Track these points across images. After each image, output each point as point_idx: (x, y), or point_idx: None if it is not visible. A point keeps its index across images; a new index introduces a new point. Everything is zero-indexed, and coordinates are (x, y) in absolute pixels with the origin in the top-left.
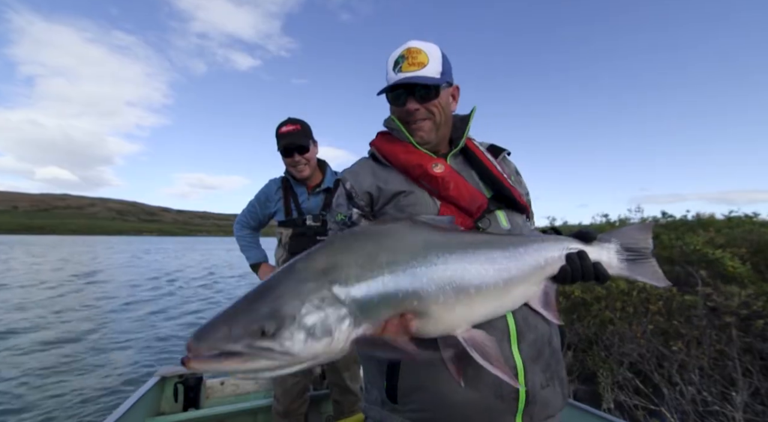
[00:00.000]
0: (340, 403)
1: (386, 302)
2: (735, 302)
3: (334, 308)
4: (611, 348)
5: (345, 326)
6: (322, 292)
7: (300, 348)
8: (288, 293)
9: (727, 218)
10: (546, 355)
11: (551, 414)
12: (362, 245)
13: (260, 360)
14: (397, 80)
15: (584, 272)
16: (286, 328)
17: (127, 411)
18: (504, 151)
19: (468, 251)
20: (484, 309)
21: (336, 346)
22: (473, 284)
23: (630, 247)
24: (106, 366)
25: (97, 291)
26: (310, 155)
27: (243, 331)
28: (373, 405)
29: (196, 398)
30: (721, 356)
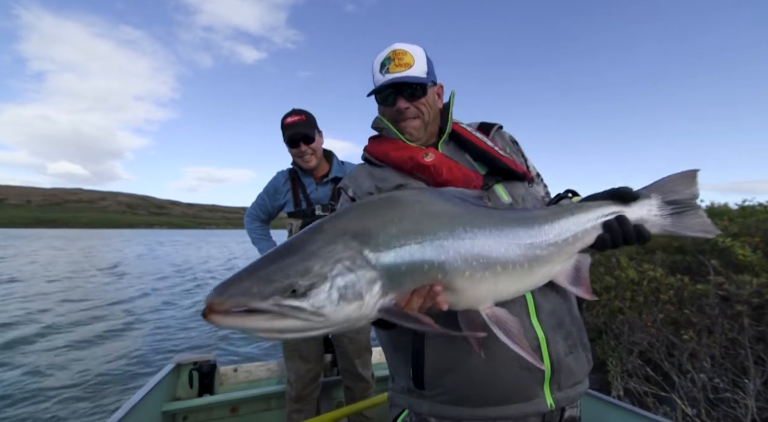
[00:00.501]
0: (352, 389)
1: (412, 272)
2: (747, 291)
3: (365, 271)
4: (621, 336)
5: (375, 291)
6: (353, 254)
7: (332, 309)
8: (319, 253)
9: (740, 208)
10: (567, 323)
11: (578, 380)
12: (391, 211)
13: (288, 319)
14: (386, 81)
15: (625, 237)
16: (318, 287)
17: (144, 397)
18: (495, 126)
19: (495, 227)
20: (509, 287)
21: (366, 311)
22: (499, 262)
23: (673, 199)
24: (134, 352)
25: (127, 283)
26: (316, 145)
27: (272, 288)
28: (400, 394)
29: (210, 384)
30: (733, 345)
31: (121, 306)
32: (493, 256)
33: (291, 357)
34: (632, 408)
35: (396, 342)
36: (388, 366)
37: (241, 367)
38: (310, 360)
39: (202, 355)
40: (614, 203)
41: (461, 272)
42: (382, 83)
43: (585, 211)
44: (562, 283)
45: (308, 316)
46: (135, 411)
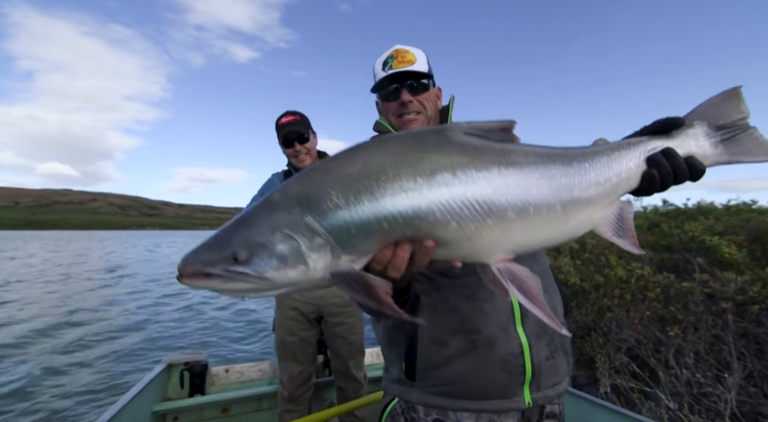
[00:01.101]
0: (344, 390)
1: (368, 232)
2: (731, 289)
3: (306, 237)
4: (609, 334)
5: (320, 255)
6: (294, 220)
7: (274, 274)
8: (261, 222)
9: (725, 207)
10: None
11: (557, 381)
12: (350, 168)
13: (239, 282)
14: (390, 73)
15: (676, 173)
16: (258, 255)
17: (134, 397)
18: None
19: (511, 163)
20: (533, 237)
21: (313, 275)
22: (513, 206)
23: (720, 124)
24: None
25: (128, 285)
26: (310, 144)
27: (218, 257)
28: (392, 383)
29: (201, 384)
30: (717, 340)
31: (113, 307)
32: (501, 200)
33: (284, 358)
34: (615, 407)
35: (392, 337)
36: (383, 357)
37: (233, 368)
38: (303, 361)
39: (194, 355)
40: (658, 137)
41: (445, 224)
42: (387, 74)
43: (627, 147)
44: (606, 234)
45: (254, 280)
46: (125, 411)
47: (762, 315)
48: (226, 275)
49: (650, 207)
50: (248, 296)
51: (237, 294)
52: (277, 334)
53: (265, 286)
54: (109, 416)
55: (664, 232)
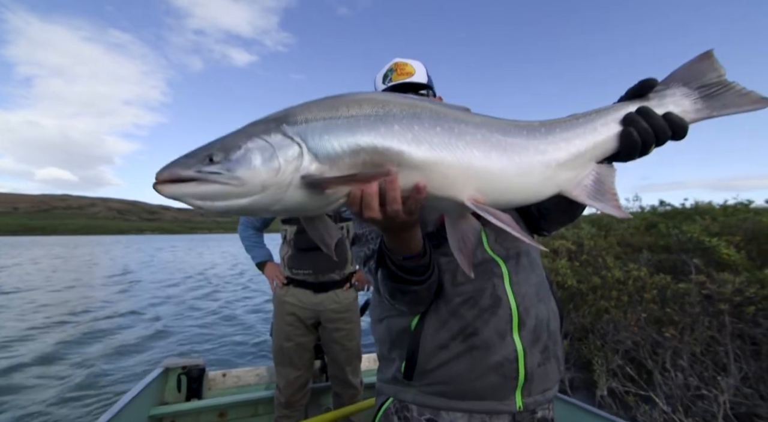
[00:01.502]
0: (341, 396)
1: (342, 144)
2: (728, 290)
3: (280, 141)
4: (606, 336)
5: (292, 158)
6: (270, 129)
7: (245, 173)
8: (238, 133)
9: (722, 207)
10: (544, 338)
11: (548, 387)
12: (326, 101)
13: (211, 184)
14: (390, 85)
15: (656, 130)
16: (232, 155)
17: (131, 400)
18: None
19: (473, 118)
20: (499, 181)
21: (284, 178)
22: (478, 147)
23: (698, 84)
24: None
25: (126, 289)
26: None
27: (194, 159)
28: (386, 384)
29: (198, 389)
30: (714, 342)
31: (109, 309)
32: (466, 139)
33: (281, 363)
34: (606, 414)
35: (394, 336)
36: (379, 357)
37: (230, 372)
38: (300, 366)
39: (191, 359)
40: (631, 101)
41: (416, 151)
42: (385, 88)
43: (596, 113)
44: (580, 197)
45: (226, 179)
46: (121, 414)
47: (759, 316)
48: (200, 176)
49: (648, 207)
50: (219, 204)
51: (208, 203)
52: (274, 339)
53: (237, 188)
54: (105, 420)
55: (662, 232)
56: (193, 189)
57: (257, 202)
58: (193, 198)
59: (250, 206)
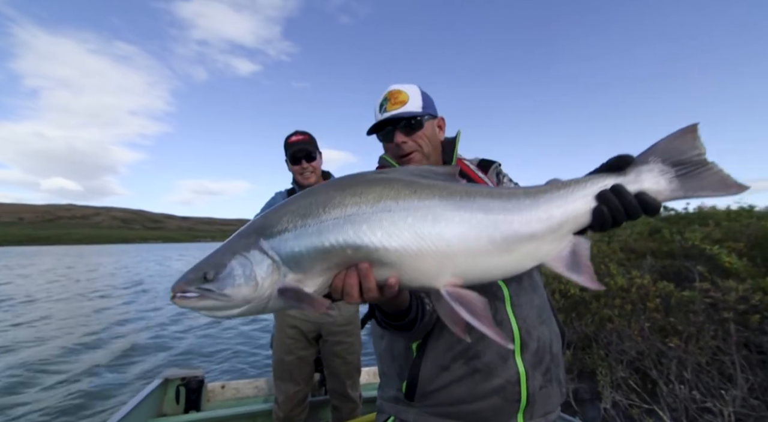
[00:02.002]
0: (339, 410)
1: (311, 253)
2: (733, 298)
3: (257, 258)
4: (610, 346)
5: (267, 274)
6: (249, 244)
7: (231, 290)
8: (227, 248)
9: (726, 211)
10: (546, 361)
11: (549, 410)
12: (302, 201)
13: (208, 299)
14: (382, 118)
15: (627, 209)
16: (221, 273)
17: (130, 412)
18: (493, 164)
19: (451, 196)
20: (476, 265)
21: (262, 292)
22: (453, 233)
23: (676, 161)
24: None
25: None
26: (316, 163)
27: (195, 277)
28: (388, 402)
29: (197, 401)
30: (719, 351)
31: (109, 320)
32: (441, 225)
33: (281, 377)
34: None
35: (395, 356)
36: (380, 375)
37: (229, 384)
38: (299, 381)
39: (191, 371)
40: (608, 174)
41: (386, 246)
42: (378, 120)
43: (575, 184)
44: (558, 269)
45: (218, 296)
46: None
47: (765, 324)
48: (200, 293)
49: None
50: (218, 314)
51: (209, 313)
52: (275, 353)
53: (227, 303)
54: None
55: (666, 238)
56: (197, 303)
57: (248, 311)
58: (200, 310)
59: (244, 314)
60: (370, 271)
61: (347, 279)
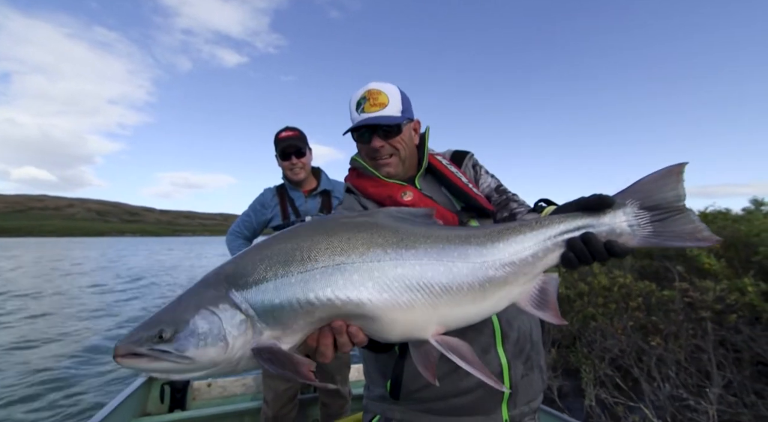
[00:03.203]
0: (329, 406)
1: (294, 307)
2: (710, 297)
3: (228, 313)
4: (593, 343)
5: (240, 332)
6: (218, 297)
7: (194, 352)
8: (190, 300)
9: (702, 214)
10: (527, 350)
11: (531, 398)
12: (282, 245)
13: (162, 362)
14: (361, 121)
15: (594, 256)
16: (181, 332)
17: (112, 411)
18: (466, 155)
19: (434, 245)
20: (457, 312)
21: (233, 353)
22: (438, 283)
23: (653, 204)
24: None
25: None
26: (306, 159)
27: (147, 335)
28: (374, 401)
29: (182, 399)
30: (698, 350)
31: (90, 313)
32: (428, 276)
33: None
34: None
35: (379, 357)
36: (365, 375)
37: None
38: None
39: None
40: (582, 215)
41: (377, 299)
42: (357, 123)
43: (546, 226)
44: (526, 307)
45: (176, 359)
46: None
47: (740, 324)
48: (152, 354)
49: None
50: (174, 377)
51: (164, 375)
52: None
53: (188, 366)
54: None
55: None
56: (148, 365)
57: (212, 374)
58: (152, 372)
59: (207, 376)
60: (344, 327)
61: (322, 339)
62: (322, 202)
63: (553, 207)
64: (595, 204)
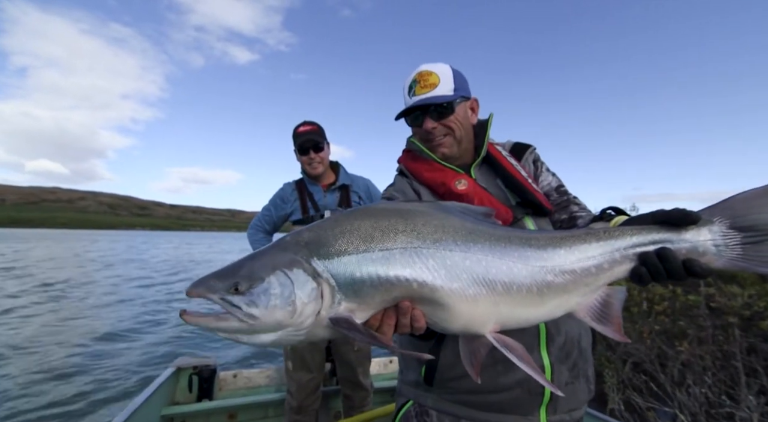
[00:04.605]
0: (351, 398)
1: (375, 282)
2: (738, 303)
3: (302, 279)
4: (616, 347)
5: (310, 299)
6: (295, 261)
7: (262, 312)
8: (267, 259)
9: None
10: (574, 356)
11: (575, 407)
12: (361, 222)
13: (230, 321)
14: (411, 104)
15: (669, 272)
16: (254, 289)
17: (145, 401)
18: (528, 148)
19: (497, 243)
20: (513, 313)
21: (300, 319)
22: (500, 281)
23: (746, 225)
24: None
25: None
26: (324, 154)
27: (220, 284)
28: (408, 386)
29: (209, 389)
30: (725, 356)
31: (122, 307)
32: (492, 273)
33: (294, 366)
34: None
35: (415, 341)
36: (399, 359)
37: (241, 373)
38: (313, 369)
39: (203, 360)
40: (660, 229)
41: (448, 287)
42: (408, 106)
43: (616, 237)
44: (585, 319)
45: (243, 316)
46: (136, 414)
47: None
48: (222, 303)
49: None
50: (241, 339)
51: (230, 336)
52: None
53: (253, 326)
54: (121, 420)
55: None
56: (214, 324)
57: (278, 338)
58: (217, 330)
59: (273, 343)
60: (411, 309)
61: (386, 319)
62: (340, 196)
63: (624, 217)
64: (677, 219)
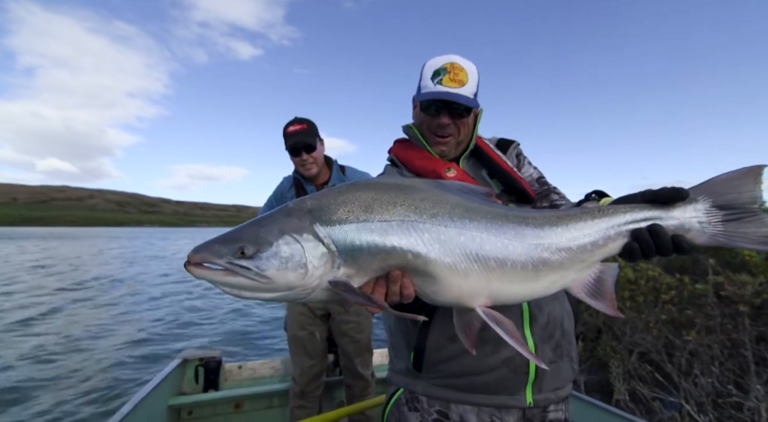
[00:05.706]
0: (351, 387)
1: (372, 251)
2: (748, 292)
3: (311, 244)
4: (622, 337)
5: (321, 263)
6: (302, 227)
7: (274, 273)
8: (273, 224)
9: None
10: (557, 336)
11: (559, 386)
12: (362, 193)
13: (239, 277)
14: (438, 94)
15: (659, 248)
16: (263, 252)
17: (151, 391)
18: (512, 144)
19: (494, 220)
20: (506, 288)
21: (310, 281)
22: (494, 257)
23: (727, 203)
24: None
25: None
26: (317, 153)
27: (227, 249)
28: (398, 375)
29: (215, 380)
30: (734, 345)
31: (129, 303)
32: (485, 249)
33: (296, 352)
34: (629, 416)
35: (403, 327)
36: (389, 349)
37: (246, 364)
38: (314, 356)
39: (209, 351)
40: (650, 207)
41: (441, 261)
42: (434, 96)
43: (610, 215)
44: (579, 295)
45: (254, 276)
46: (142, 404)
47: None
48: (230, 267)
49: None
50: (245, 294)
51: (235, 291)
52: (289, 329)
53: (264, 285)
54: (128, 410)
55: None
56: (223, 278)
57: (283, 297)
58: (222, 285)
59: (275, 299)
60: (400, 276)
61: (377, 287)
62: None
63: (610, 198)
64: (667, 196)
